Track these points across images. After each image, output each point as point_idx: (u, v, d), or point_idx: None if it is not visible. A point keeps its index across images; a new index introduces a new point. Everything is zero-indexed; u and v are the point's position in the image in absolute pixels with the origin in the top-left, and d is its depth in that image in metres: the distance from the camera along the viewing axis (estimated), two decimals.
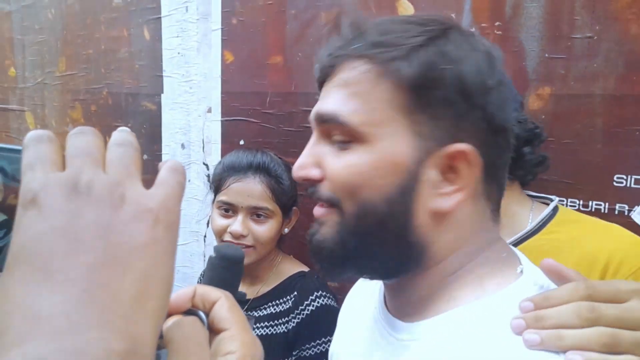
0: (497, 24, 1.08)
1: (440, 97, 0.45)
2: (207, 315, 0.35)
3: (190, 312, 0.34)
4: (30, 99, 2.09)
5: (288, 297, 1.14)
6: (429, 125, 0.45)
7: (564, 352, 0.40)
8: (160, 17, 1.62)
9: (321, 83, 0.52)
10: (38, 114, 2.07)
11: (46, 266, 0.23)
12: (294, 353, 1.10)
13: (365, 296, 0.63)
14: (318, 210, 0.50)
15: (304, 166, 0.49)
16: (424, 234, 0.47)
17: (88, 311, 0.23)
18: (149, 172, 0.27)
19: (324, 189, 0.48)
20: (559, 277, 0.46)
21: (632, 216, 0.92)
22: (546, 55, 1.03)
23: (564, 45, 1.01)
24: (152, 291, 0.25)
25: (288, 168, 1.19)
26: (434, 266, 0.48)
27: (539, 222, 0.82)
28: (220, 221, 1.14)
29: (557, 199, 0.89)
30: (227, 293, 0.37)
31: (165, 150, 1.67)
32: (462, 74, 0.45)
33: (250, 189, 1.11)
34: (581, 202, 1.01)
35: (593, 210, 1.00)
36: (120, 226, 0.25)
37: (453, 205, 0.46)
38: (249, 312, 1.16)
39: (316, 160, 0.49)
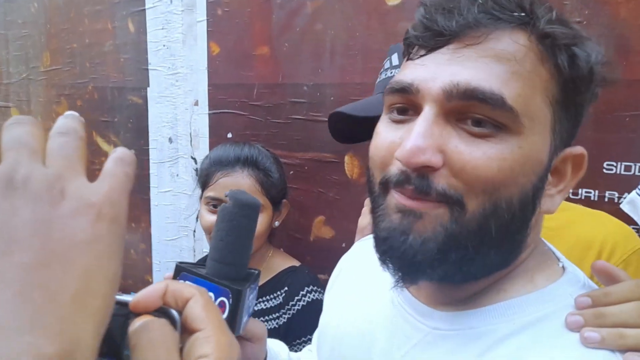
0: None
1: (585, 98, 0.43)
2: (180, 313, 0.32)
3: (162, 310, 0.31)
4: (16, 94, 2.06)
5: (279, 292, 1.12)
6: (565, 126, 0.42)
7: (623, 351, 0.39)
8: (144, 9, 1.59)
9: (437, 43, 0.41)
10: (24, 109, 2.04)
11: None
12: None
13: (366, 270, 0.59)
14: (411, 202, 0.41)
15: (422, 150, 0.39)
16: (528, 233, 0.45)
17: (21, 314, 0.22)
18: (136, 167, 0.26)
19: (442, 181, 0.40)
20: (608, 278, 0.46)
21: (621, 206, 0.91)
22: None
23: None
24: (95, 289, 0.24)
25: (277, 160, 1.17)
26: (510, 264, 0.46)
27: None
28: (210, 217, 1.13)
29: None
30: (202, 289, 0.33)
31: (152, 144, 1.65)
32: (605, 80, 0.43)
33: (238, 184, 1.09)
34: (571, 190, 1.00)
35: (583, 197, 0.99)
36: (59, 222, 0.24)
37: (556, 208, 0.44)
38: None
39: (438, 144, 0.39)
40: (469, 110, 0.40)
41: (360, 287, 0.60)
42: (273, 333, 1.10)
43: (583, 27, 0.95)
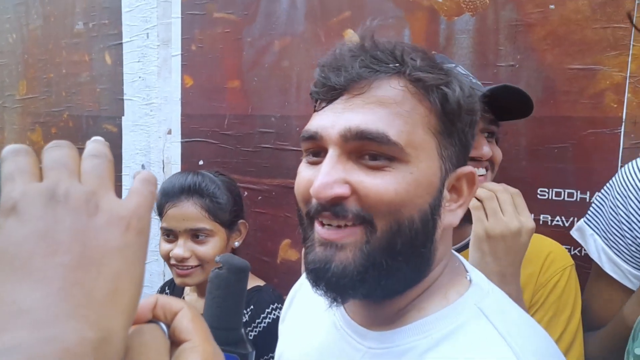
0: (432, 52, 1.18)
1: (462, 126, 0.51)
2: (168, 326, 0.34)
3: (151, 323, 0.34)
4: None
5: (245, 311, 1.17)
6: (451, 150, 0.51)
7: None
8: (121, 43, 1.67)
9: (333, 95, 0.50)
10: None
11: (26, 266, 0.26)
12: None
13: (312, 300, 0.61)
14: (332, 233, 0.48)
15: (329, 185, 0.46)
16: (434, 247, 0.51)
17: (65, 305, 0.25)
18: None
19: (354, 206, 0.47)
20: None
21: (571, 232, 1.00)
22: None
23: (490, 72, 1.12)
24: (124, 289, 0.28)
25: (226, 185, 1.20)
26: (424, 278, 0.52)
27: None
28: (165, 246, 1.18)
29: None
30: (190, 304, 0.36)
31: (125, 171, 1.70)
32: (477, 109, 0.52)
33: (184, 213, 1.13)
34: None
35: None
36: (94, 231, 0.28)
37: (458, 221, 0.52)
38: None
39: (343, 177, 0.47)
40: (364, 148, 0.48)
41: (308, 315, 0.64)
42: None
43: (515, 70, 1.09)
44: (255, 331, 1.14)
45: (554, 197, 1.07)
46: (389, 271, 0.48)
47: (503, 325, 0.49)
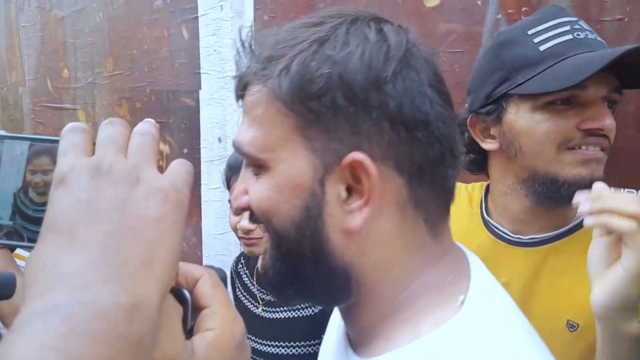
0: (524, 9, 1.06)
1: (327, 106, 0.40)
2: (190, 292, 0.36)
3: (174, 289, 0.35)
4: (82, 98, 2.24)
5: None
6: (322, 139, 0.41)
7: None
8: (197, 17, 1.69)
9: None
10: (89, 112, 2.22)
11: (70, 233, 0.27)
12: (323, 336, 1.13)
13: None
14: (264, 237, 0.48)
15: (236, 196, 0.47)
16: (342, 257, 0.43)
17: (101, 271, 0.26)
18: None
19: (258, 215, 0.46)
20: None
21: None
22: None
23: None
24: (159, 258, 0.28)
25: None
26: (367, 292, 0.44)
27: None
28: (233, 219, 1.20)
29: None
30: (211, 271, 0.37)
31: (203, 144, 1.75)
32: (345, 75, 0.40)
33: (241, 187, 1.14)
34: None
35: None
36: (134, 202, 0.29)
37: (361, 222, 0.41)
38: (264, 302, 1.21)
39: (245, 187, 0.47)
40: (245, 159, 0.47)
41: (332, 330, 0.60)
42: (309, 320, 1.15)
43: (624, 25, 0.94)
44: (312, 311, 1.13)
45: None
46: (295, 280, 0.46)
47: None
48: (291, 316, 1.18)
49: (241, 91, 0.46)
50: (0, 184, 0.37)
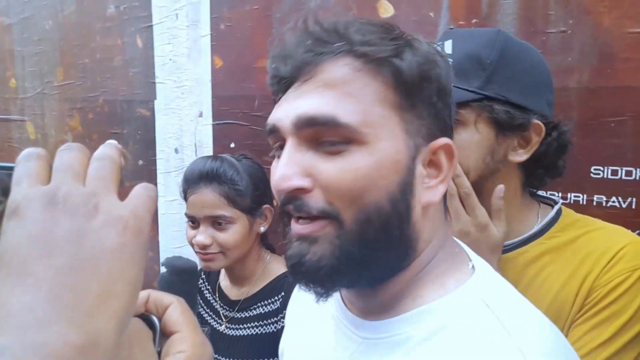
0: (473, 21, 1.09)
1: (426, 96, 0.47)
2: (159, 319, 0.36)
3: (143, 316, 0.36)
4: (31, 108, 2.14)
5: (276, 297, 1.15)
6: (416, 123, 0.47)
7: None
8: (151, 25, 1.66)
9: (285, 85, 0.48)
10: (38, 123, 2.12)
11: (21, 269, 0.26)
12: None
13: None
14: (304, 228, 0.46)
15: (288, 177, 0.45)
16: (417, 230, 0.48)
17: (52, 309, 0.25)
18: (144, 178, 0.30)
19: (316, 200, 0.45)
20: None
21: None
22: None
23: (539, 40, 1.02)
24: (117, 291, 0.27)
25: (248, 169, 1.16)
26: (412, 262, 0.49)
27: (543, 226, 0.80)
28: (189, 232, 1.17)
29: (561, 201, 0.84)
30: (180, 298, 0.38)
31: (159, 155, 1.71)
32: (441, 75, 0.48)
33: (203, 200, 1.11)
34: (560, 195, 1.02)
35: (572, 202, 1.01)
36: (91, 233, 0.28)
37: (439, 197, 0.48)
38: (227, 319, 1.18)
39: (303, 168, 0.45)
40: (319, 134, 0.45)
41: (309, 308, 0.62)
42: (271, 337, 1.13)
43: (567, 37, 0.99)
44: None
45: (609, 176, 0.98)
46: (366, 261, 0.46)
47: (508, 318, 0.45)
48: (255, 333, 1.15)
49: (305, 65, 0.46)
50: None
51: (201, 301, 1.28)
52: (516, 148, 0.76)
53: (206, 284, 1.30)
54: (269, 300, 1.16)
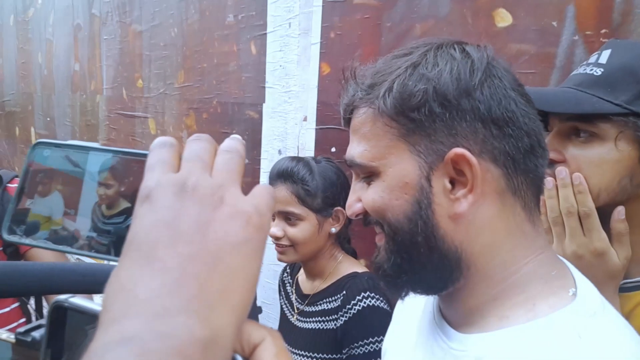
0: (603, 31, 1.02)
1: (425, 115, 0.48)
2: (246, 359, 0.30)
3: None
4: (153, 107, 2.37)
5: (338, 296, 1.18)
6: (425, 143, 0.49)
7: None
8: (265, 33, 1.76)
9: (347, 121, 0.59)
10: (159, 120, 2.34)
11: (150, 254, 0.26)
12: (344, 351, 1.14)
13: (420, 299, 0.64)
14: (377, 237, 0.55)
15: (350, 205, 0.56)
16: (452, 241, 0.50)
17: (179, 298, 0.25)
18: (249, 176, 0.32)
19: (371, 217, 0.54)
20: None
21: None
22: None
23: None
24: (237, 286, 0.27)
25: (323, 172, 1.22)
26: (476, 274, 0.50)
27: None
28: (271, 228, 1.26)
29: None
30: (275, 332, 0.31)
31: (264, 155, 1.80)
32: (439, 87, 0.48)
33: (277, 196, 1.20)
34: None
35: None
36: (217, 224, 0.27)
37: (467, 207, 0.48)
38: (298, 311, 1.21)
39: (357, 196, 0.55)
40: (356, 170, 0.55)
41: (411, 312, 0.66)
42: (331, 333, 1.17)
43: None
44: (346, 316, 1.14)
45: None
46: (410, 269, 0.52)
47: (600, 356, 0.42)
48: (318, 327, 1.20)
49: (349, 115, 0.55)
50: (83, 195, 0.37)
51: (283, 293, 1.38)
52: None
53: (289, 277, 1.39)
54: (332, 298, 1.20)
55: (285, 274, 1.42)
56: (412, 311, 0.66)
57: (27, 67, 3.50)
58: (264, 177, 1.80)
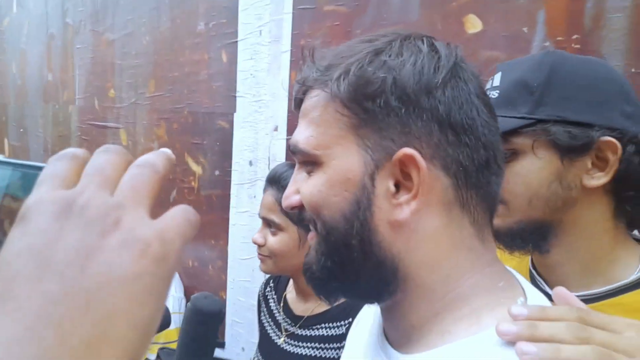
0: (574, 37, 0.98)
1: (380, 107, 0.44)
2: None
3: None
4: (125, 117, 2.30)
5: (343, 322, 1.09)
6: (375, 138, 0.45)
7: None
8: (236, 41, 1.71)
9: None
10: (130, 131, 2.27)
11: (6, 291, 0.21)
12: None
13: (371, 317, 0.60)
14: (309, 235, 0.51)
15: (287, 196, 0.51)
16: (390, 249, 0.45)
17: (30, 350, 0.20)
18: (218, 188, 0.26)
19: (307, 212, 0.50)
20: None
21: None
22: (632, 70, 0.91)
23: None
24: (113, 336, 0.22)
25: None
26: (416, 289, 0.46)
27: None
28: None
29: None
30: None
31: (234, 166, 1.74)
32: (399, 79, 0.44)
33: (263, 201, 1.15)
34: None
35: None
36: (102, 253, 0.22)
37: (408, 214, 0.44)
38: (287, 334, 1.14)
39: (296, 187, 0.50)
40: (299, 158, 0.50)
41: (361, 335, 0.62)
42: None
43: None
44: None
45: None
46: (341, 274, 0.48)
47: None
48: (315, 355, 1.10)
49: (301, 95, 0.50)
50: None
51: (265, 310, 1.26)
52: (591, 171, 0.66)
53: (273, 292, 1.27)
54: (335, 324, 1.11)
55: (269, 289, 1.30)
56: (364, 327, 0.62)
57: (2, 78, 3.42)
58: (234, 189, 1.74)
